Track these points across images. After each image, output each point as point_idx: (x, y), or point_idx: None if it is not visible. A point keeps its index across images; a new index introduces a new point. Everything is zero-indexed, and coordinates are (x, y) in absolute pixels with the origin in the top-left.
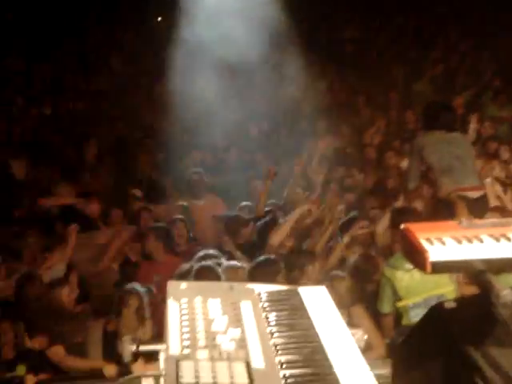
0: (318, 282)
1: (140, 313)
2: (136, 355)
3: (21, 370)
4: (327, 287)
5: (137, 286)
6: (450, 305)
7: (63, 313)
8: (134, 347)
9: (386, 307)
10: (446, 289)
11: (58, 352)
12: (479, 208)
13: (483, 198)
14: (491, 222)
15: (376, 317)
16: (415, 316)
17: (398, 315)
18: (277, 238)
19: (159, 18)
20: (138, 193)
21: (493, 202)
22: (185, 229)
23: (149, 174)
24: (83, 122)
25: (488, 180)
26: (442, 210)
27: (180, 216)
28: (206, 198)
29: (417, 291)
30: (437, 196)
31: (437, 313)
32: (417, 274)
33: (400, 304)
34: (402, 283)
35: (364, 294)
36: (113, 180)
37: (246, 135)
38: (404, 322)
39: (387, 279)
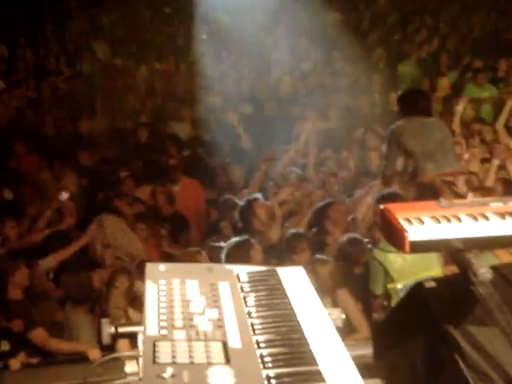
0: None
1: (130, 293)
2: (115, 337)
3: (4, 345)
4: (310, 270)
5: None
6: (430, 284)
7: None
8: (112, 329)
9: (378, 289)
10: (435, 271)
11: (39, 334)
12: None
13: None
14: (469, 201)
15: (365, 298)
16: None
17: (388, 297)
18: (275, 232)
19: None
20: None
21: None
22: None
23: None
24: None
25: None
26: (426, 195)
27: None
28: (183, 183)
29: (408, 273)
30: (420, 181)
31: (417, 292)
32: (409, 256)
33: (390, 286)
34: (394, 265)
35: (349, 277)
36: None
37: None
38: (393, 303)
39: (379, 262)
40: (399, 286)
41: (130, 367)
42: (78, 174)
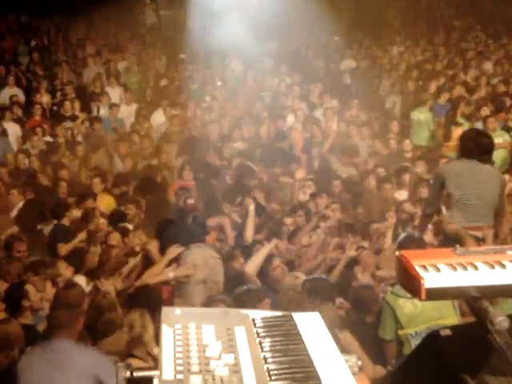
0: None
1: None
2: (130, 382)
3: None
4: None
5: None
6: (446, 332)
7: None
8: (128, 373)
9: (387, 334)
10: (450, 320)
11: None
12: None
13: (487, 238)
14: (485, 249)
15: (377, 344)
16: None
17: (400, 344)
18: (251, 267)
19: None
20: None
21: None
22: None
23: None
24: None
25: None
26: (449, 245)
27: None
28: None
29: (419, 320)
30: (443, 231)
31: (432, 341)
32: (420, 303)
33: (401, 332)
34: (403, 310)
35: (359, 326)
36: None
37: None
38: (405, 351)
39: (389, 306)
40: (411, 332)
41: None
42: None
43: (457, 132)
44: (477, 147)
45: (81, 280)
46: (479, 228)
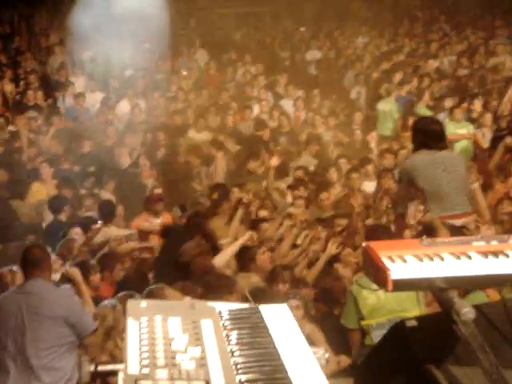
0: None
1: None
2: (95, 376)
3: None
4: None
5: None
6: (412, 323)
7: None
8: (92, 367)
9: (350, 323)
10: (412, 313)
11: None
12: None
13: (469, 225)
14: (452, 240)
15: (340, 336)
16: (378, 337)
17: (363, 333)
18: (220, 259)
19: None
20: None
21: None
22: None
23: None
24: None
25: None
26: (422, 234)
27: None
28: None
29: (381, 312)
30: (422, 221)
31: (398, 331)
32: (383, 295)
33: (364, 323)
34: (366, 302)
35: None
36: None
37: None
38: (367, 341)
39: (353, 296)
40: (373, 324)
41: None
42: None
43: None
44: (429, 136)
45: None
46: (457, 216)
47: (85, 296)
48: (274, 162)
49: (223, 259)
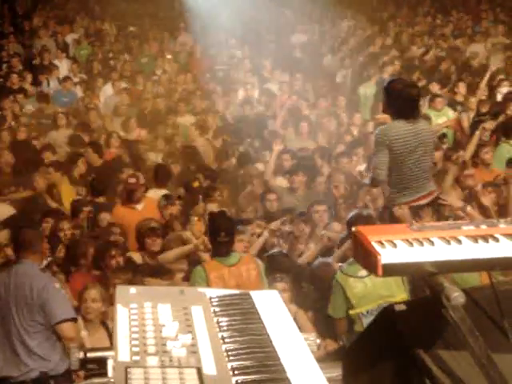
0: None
1: None
2: (83, 362)
3: None
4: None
5: None
6: (401, 307)
7: None
8: (81, 354)
9: (337, 312)
10: (399, 297)
11: None
12: (428, 213)
13: (434, 202)
14: (442, 224)
15: (327, 321)
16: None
17: (351, 322)
18: (164, 256)
19: None
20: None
21: None
22: None
23: None
24: None
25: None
26: (385, 217)
27: None
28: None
29: (370, 299)
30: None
31: (387, 315)
32: (369, 281)
33: (353, 312)
34: (354, 290)
35: (319, 302)
36: None
37: None
38: (357, 328)
39: (339, 285)
40: (363, 311)
41: None
42: None
43: None
44: (406, 102)
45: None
46: (423, 197)
47: None
48: (277, 146)
49: (167, 257)
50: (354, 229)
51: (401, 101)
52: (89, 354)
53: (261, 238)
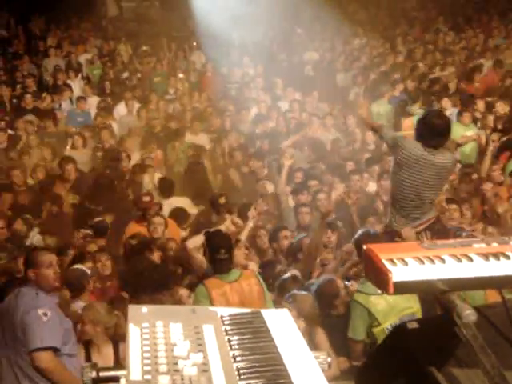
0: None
1: None
2: (96, 382)
3: None
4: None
5: None
6: (413, 325)
7: None
8: (94, 373)
9: (359, 334)
10: (416, 307)
11: None
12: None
13: (432, 226)
14: (452, 242)
15: (343, 342)
16: None
17: (374, 340)
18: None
19: None
20: None
21: None
22: None
23: None
24: None
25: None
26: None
27: None
28: None
29: (393, 313)
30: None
31: (399, 333)
32: (388, 297)
33: (376, 329)
34: (378, 307)
35: (326, 319)
36: None
37: None
38: None
39: (361, 306)
40: (387, 326)
41: None
42: None
43: (406, 122)
44: (427, 129)
45: None
46: (421, 224)
47: None
48: (287, 161)
49: (195, 241)
50: (364, 247)
51: (423, 126)
52: (101, 373)
53: (248, 224)
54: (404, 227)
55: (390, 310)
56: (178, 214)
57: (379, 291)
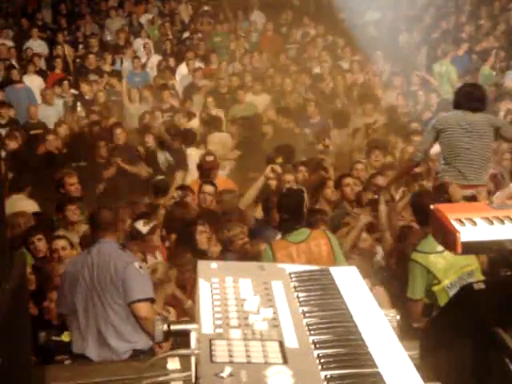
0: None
1: None
2: (167, 335)
3: (66, 336)
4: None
5: None
6: (480, 286)
7: None
8: (165, 326)
9: (418, 293)
10: (475, 265)
11: None
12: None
13: (476, 197)
14: None
15: (401, 302)
16: None
17: (433, 299)
18: (245, 200)
19: None
20: None
21: None
22: None
23: None
24: None
25: None
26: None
27: None
28: None
29: (452, 271)
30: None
31: (466, 294)
32: (448, 254)
33: (436, 288)
34: (438, 266)
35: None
36: None
37: None
38: (442, 302)
39: (420, 265)
40: (447, 284)
41: (172, 364)
42: None
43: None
44: (465, 97)
45: None
46: (470, 186)
47: None
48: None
49: (248, 198)
50: (432, 206)
51: (459, 95)
52: (172, 327)
53: (258, 181)
54: (453, 181)
55: (450, 268)
56: None
57: (438, 249)
